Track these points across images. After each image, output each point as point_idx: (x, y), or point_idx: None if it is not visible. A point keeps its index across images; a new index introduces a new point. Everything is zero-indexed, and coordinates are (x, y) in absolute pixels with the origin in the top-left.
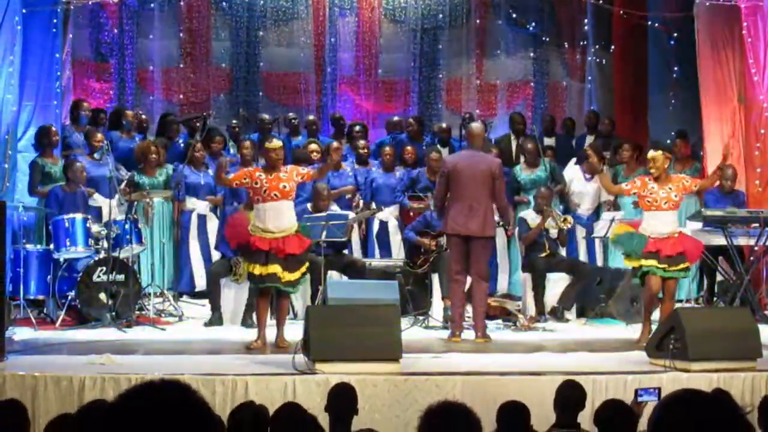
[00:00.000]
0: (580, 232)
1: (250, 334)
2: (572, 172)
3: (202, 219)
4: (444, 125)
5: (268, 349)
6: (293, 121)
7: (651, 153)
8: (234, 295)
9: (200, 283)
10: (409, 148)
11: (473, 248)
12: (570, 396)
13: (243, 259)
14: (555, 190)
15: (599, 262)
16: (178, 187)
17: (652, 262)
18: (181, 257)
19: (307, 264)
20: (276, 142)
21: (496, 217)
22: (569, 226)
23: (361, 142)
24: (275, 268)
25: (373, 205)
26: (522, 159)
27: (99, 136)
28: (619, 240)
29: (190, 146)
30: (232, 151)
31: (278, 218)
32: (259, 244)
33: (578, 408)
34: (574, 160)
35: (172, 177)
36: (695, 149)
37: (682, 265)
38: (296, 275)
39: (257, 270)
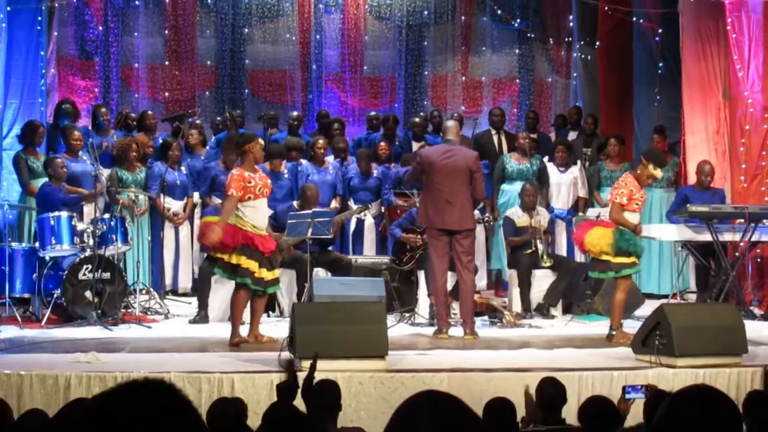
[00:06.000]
0: (560, 228)
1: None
2: (548, 167)
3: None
4: (417, 119)
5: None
6: (272, 118)
7: (658, 171)
8: (225, 293)
9: (182, 283)
10: (382, 144)
11: (455, 242)
12: (549, 393)
13: (238, 255)
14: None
15: (579, 258)
16: (163, 186)
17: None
18: (157, 256)
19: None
20: (261, 139)
21: (478, 214)
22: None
23: (337, 138)
24: (263, 272)
25: (353, 205)
26: (507, 148)
27: (77, 134)
28: (631, 240)
29: (169, 145)
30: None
31: (264, 215)
32: (258, 242)
33: (560, 404)
34: (546, 158)
35: (150, 174)
36: (673, 145)
37: None
38: (277, 273)
39: (257, 271)
